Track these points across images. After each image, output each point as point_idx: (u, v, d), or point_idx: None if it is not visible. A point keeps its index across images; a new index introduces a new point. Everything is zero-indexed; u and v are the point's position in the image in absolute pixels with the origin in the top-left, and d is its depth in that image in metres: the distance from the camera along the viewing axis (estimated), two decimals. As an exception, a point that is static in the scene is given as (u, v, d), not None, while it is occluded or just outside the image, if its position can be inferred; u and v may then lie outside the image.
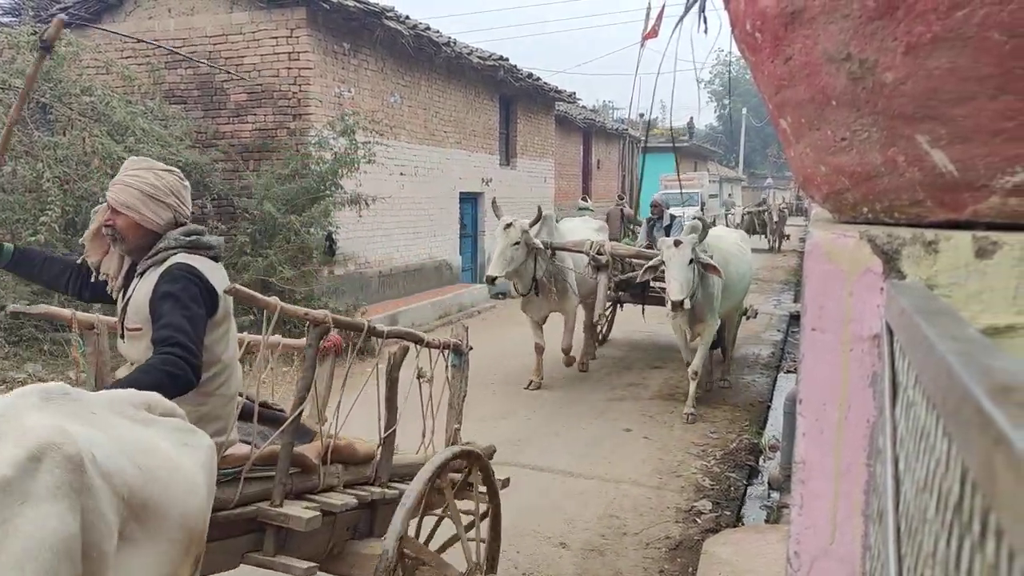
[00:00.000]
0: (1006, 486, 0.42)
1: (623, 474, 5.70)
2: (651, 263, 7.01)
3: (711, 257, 6.70)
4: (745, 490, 5.76)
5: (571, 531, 4.78)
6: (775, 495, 5.65)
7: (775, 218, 26.07)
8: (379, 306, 11.36)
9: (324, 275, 10.04)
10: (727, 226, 26.43)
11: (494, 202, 8.30)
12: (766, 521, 5.29)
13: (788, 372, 9.38)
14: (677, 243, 6.48)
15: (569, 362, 8.63)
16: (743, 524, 5.23)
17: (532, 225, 7.48)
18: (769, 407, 7.85)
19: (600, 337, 10.20)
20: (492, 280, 7.38)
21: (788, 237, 27.28)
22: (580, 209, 20.11)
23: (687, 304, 6.37)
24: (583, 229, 8.73)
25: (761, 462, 6.48)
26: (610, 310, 9.94)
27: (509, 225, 7.33)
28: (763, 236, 26.17)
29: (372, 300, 11.35)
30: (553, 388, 8.23)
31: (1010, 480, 0.41)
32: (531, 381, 8.19)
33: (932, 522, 0.66)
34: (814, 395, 1.21)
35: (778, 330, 11.95)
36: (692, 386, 7.22)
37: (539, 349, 8.19)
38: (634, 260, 8.20)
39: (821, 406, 1.20)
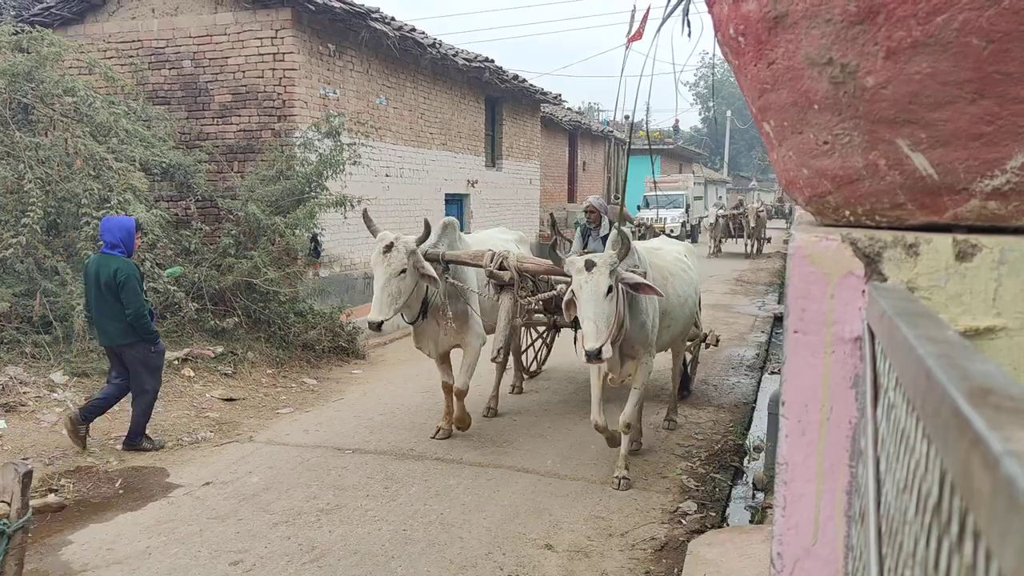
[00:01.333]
0: (983, 488, 0.42)
1: (609, 476, 5.71)
2: (566, 296, 5.06)
3: (644, 274, 5.24)
4: (730, 491, 5.79)
5: (557, 533, 4.78)
6: (760, 496, 5.68)
7: (751, 222, 24.70)
8: (365, 307, 11.27)
9: (309, 276, 10.00)
10: (707, 229, 25.73)
11: (365, 213, 6.51)
12: (751, 522, 5.32)
13: (772, 373, 9.43)
14: (590, 265, 4.74)
15: (464, 424, 6.59)
16: (728, 525, 5.25)
17: (421, 242, 5.76)
18: (754, 408, 7.88)
19: (532, 365, 8.61)
20: (377, 326, 5.53)
21: (768, 240, 26.38)
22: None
23: (607, 352, 4.69)
24: (496, 239, 7.04)
25: (746, 463, 6.51)
26: (548, 335, 8.59)
27: (389, 247, 5.57)
28: (738, 240, 25.48)
29: (357, 301, 11.31)
30: (538, 391, 8.23)
31: (987, 482, 0.41)
32: (439, 429, 6.53)
33: (912, 523, 0.67)
34: (797, 397, 1.22)
35: (762, 331, 12.01)
36: (624, 443, 5.63)
37: (447, 388, 6.53)
38: (551, 278, 6.45)
39: (803, 407, 1.21)
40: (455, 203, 15.38)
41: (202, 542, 4.61)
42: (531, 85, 17.66)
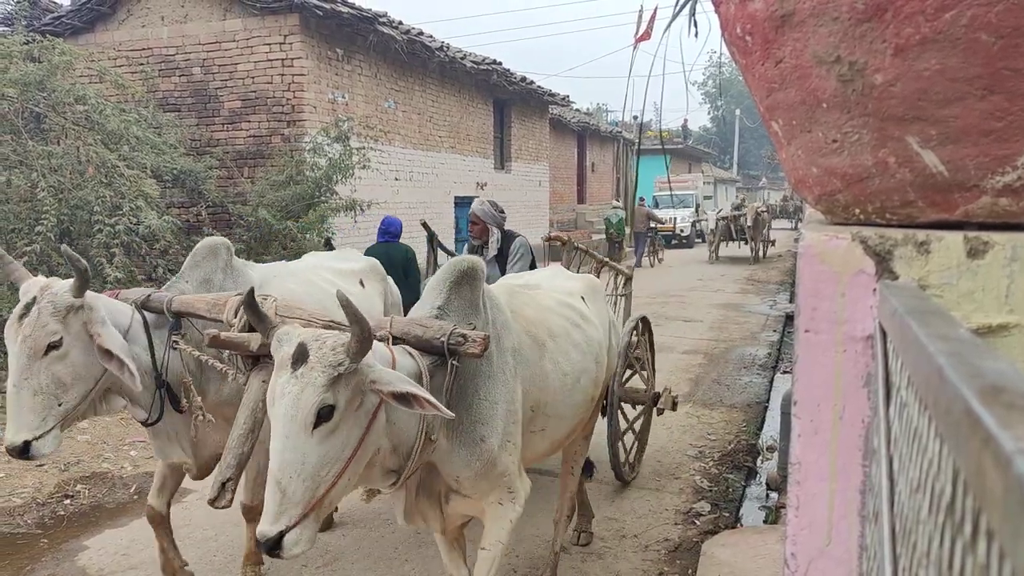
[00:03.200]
0: (995, 487, 0.42)
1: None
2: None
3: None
4: (743, 491, 5.76)
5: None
6: (774, 496, 5.66)
7: (750, 223, 22.37)
8: (375, 311, 11.34)
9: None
10: (708, 233, 24.22)
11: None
12: (765, 522, 5.29)
13: (785, 372, 9.39)
14: (300, 357, 2.20)
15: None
16: (742, 525, 5.23)
17: (82, 290, 3.13)
18: (766, 408, 7.85)
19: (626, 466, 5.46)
20: (20, 451, 2.99)
21: (773, 243, 24.30)
22: (614, 208, 21.34)
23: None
24: (322, 275, 4.45)
25: (759, 463, 6.49)
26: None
27: (26, 311, 3.08)
28: (741, 244, 23.32)
29: (368, 305, 11.34)
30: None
31: (999, 481, 0.41)
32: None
33: (926, 523, 0.67)
34: (808, 396, 1.21)
35: (774, 330, 11.97)
36: None
37: (246, 514, 4.05)
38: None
39: (815, 407, 1.21)
40: (464, 206, 15.40)
41: (217, 547, 4.63)
42: (539, 87, 17.67)
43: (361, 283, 4.67)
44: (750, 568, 4.09)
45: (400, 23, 11.98)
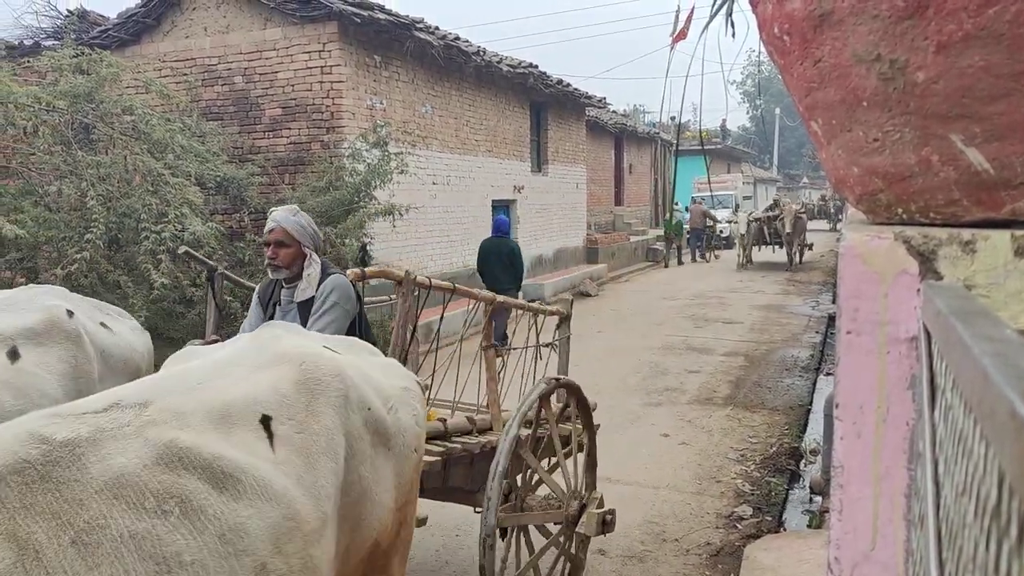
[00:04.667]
0: (1040, 490, 0.41)
1: (661, 480, 5.66)
2: None
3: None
4: (786, 495, 5.69)
5: (610, 538, 4.75)
6: (817, 499, 5.57)
7: (787, 227, 20.19)
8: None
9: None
10: (737, 237, 22.62)
11: None
12: (808, 526, 5.21)
13: (828, 374, 9.24)
14: None
15: None
16: (785, 529, 5.16)
17: None
18: (809, 410, 7.73)
19: None
20: None
21: (810, 247, 22.22)
22: (675, 210, 22.63)
23: None
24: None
25: (802, 466, 6.39)
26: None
27: None
28: (776, 249, 21.59)
29: (407, 309, 11.42)
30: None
31: (1044, 484, 0.41)
32: None
33: (972, 526, 0.66)
34: (851, 398, 1.20)
35: (817, 332, 11.78)
36: None
37: None
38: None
39: (858, 409, 1.19)
40: (501, 209, 15.45)
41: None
42: (575, 89, 17.64)
43: (14, 352, 3.00)
44: (794, 573, 4.03)
45: (436, 28, 12.06)
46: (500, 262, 10.11)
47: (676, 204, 24.73)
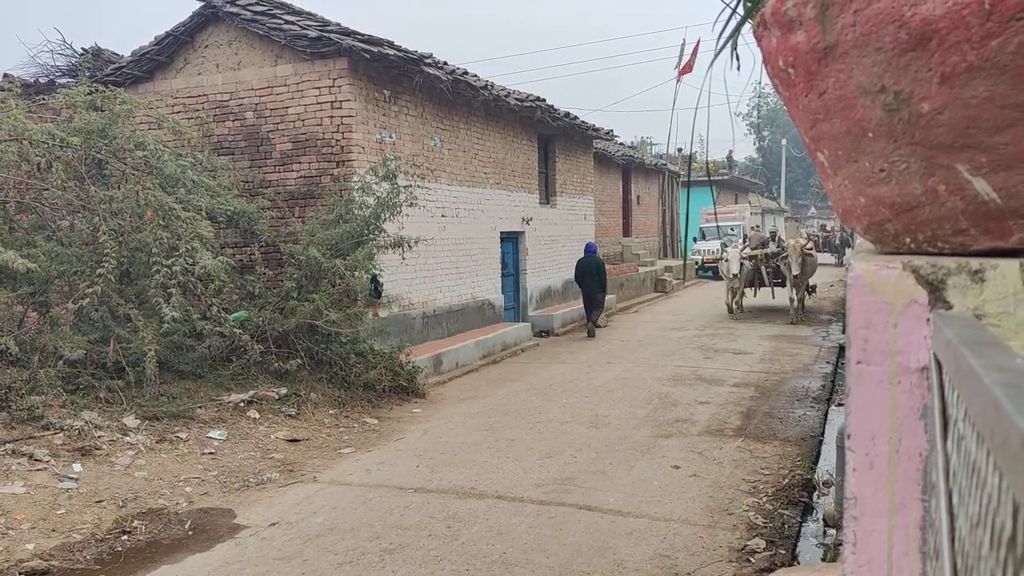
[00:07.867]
0: (1054, 520, 0.41)
1: (673, 513, 5.59)
2: None
3: None
4: (800, 527, 5.61)
5: (621, 572, 4.69)
6: (832, 532, 5.49)
7: (795, 268, 15.91)
8: (424, 347, 11.43)
9: (369, 317, 10.16)
10: (726, 278, 17.33)
11: None
12: (823, 559, 5.13)
13: (840, 405, 9.16)
14: None
15: None
16: (799, 563, 5.08)
17: None
18: (821, 441, 7.65)
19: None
20: None
21: (814, 289, 18.38)
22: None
23: None
24: None
25: (815, 498, 6.31)
26: None
27: None
28: (775, 291, 17.93)
29: (416, 341, 11.42)
30: (599, 426, 8.14)
31: (1058, 514, 0.40)
32: None
33: (987, 558, 0.65)
34: (863, 429, 1.19)
35: (827, 362, 11.70)
36: None
37: None
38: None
39: (871, 440, 1.18)
40: (510, 241, 15.50)
41: None
42: (583, 122, 17.77)
43: None
44: (809, 608, 3.96)
45: (445, 63, 12.21)
46: (590, 273, 15.05)
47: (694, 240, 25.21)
